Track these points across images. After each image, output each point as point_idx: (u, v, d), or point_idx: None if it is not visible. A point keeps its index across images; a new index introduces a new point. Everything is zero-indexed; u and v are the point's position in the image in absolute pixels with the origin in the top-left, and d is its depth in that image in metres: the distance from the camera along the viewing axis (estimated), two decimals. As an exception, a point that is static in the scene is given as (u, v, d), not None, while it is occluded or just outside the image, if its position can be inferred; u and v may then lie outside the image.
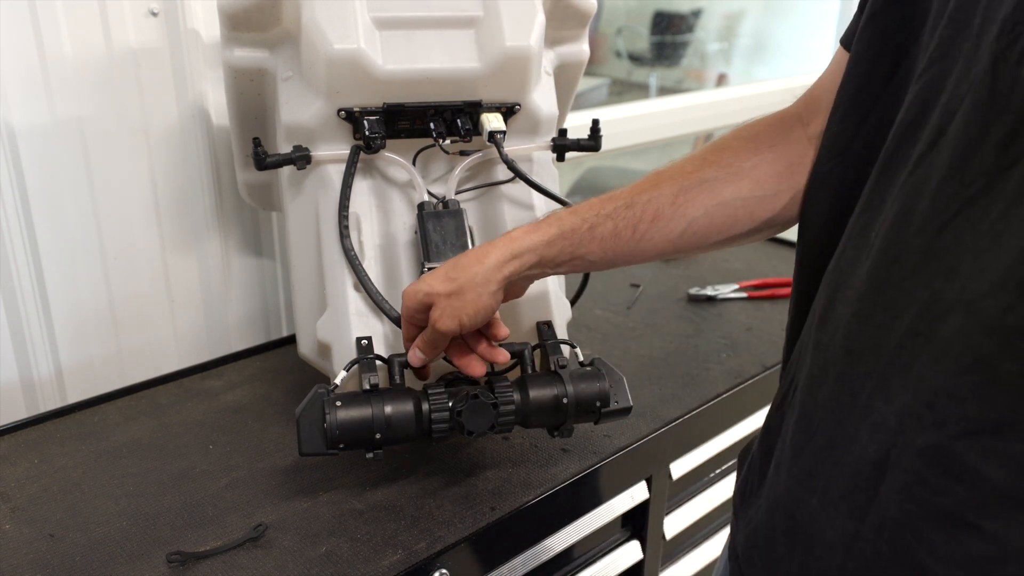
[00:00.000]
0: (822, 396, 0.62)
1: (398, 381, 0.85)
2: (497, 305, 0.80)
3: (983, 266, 0.52)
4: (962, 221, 0.53)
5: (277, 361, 1.16)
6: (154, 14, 1.05)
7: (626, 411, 0.89)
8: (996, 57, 0.51)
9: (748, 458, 0.76)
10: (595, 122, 1.02)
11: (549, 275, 0.81)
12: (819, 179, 0.72)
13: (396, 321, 0.88)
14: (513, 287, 0.82)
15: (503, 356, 0.85)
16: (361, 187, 0.93)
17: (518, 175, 0.94)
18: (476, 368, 0.84)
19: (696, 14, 2.59)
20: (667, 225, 0.75)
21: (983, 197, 0.52)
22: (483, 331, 0.84)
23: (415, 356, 0.83)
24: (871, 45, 0.66)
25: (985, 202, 0.52)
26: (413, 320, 0.82)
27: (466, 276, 0.78)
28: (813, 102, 0.76)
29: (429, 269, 0.89)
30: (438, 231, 0.91)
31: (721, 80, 2.70)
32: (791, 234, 0.80)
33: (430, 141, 0.93)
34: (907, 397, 0.55)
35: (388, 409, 0.81)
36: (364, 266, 0.90)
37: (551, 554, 0.92)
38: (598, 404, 0.87)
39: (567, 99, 1.11)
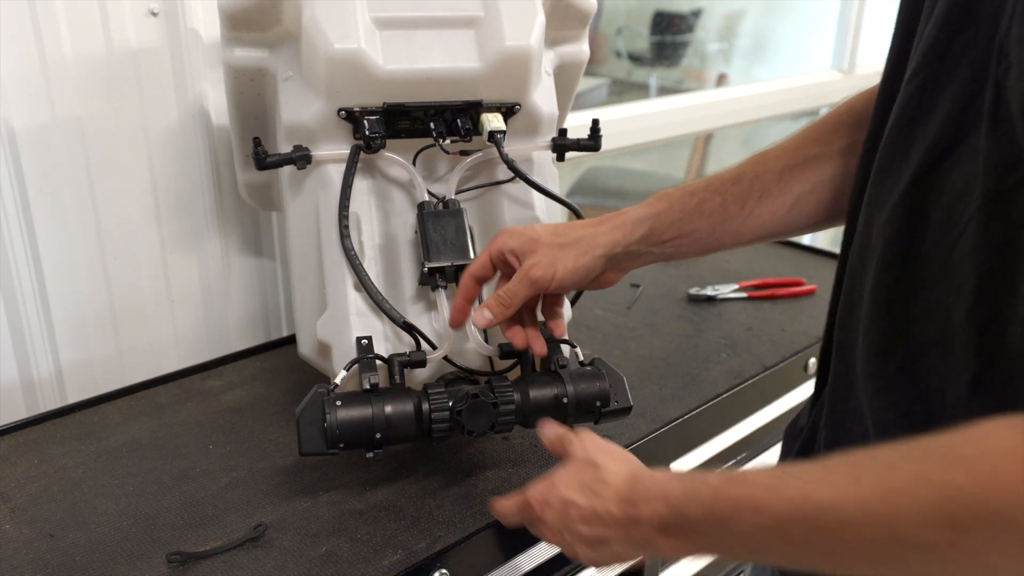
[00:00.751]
0: (850, 395, 0.63)
1: (398, 381, 0.85)
2: (595, 272, 0.78)
3: (991, 288, 0.51)
4: (967, 240, 0.52)
5: (277, 361, 1.16)
6: (154, 14, 1.05)
7: (626, 411, 0.89)
8: (998, 79, 0.50)
9: (795, 444, 0.76)
10: (595, 122, 1.02)
11: (654, 257, 0.79)
12: (858, 166, 0.70)
13: (396, 321, 0.88)
14: (612, 266, 0.80)
15: (542, 347, 0.85)
16: (361, 187, 0.93)
17: (518, 175, 0.94)
18: (519, 339, 0.83)
19: (696, 14, 2.59)
20: (775, 200, 0.74)
21: (983, 217, 0.51)
22: (547, 314, 0.84)
23: (482, 317, 0.81)
24: (896, 27, 0.63)
25: (986, 223, 0.51)
26: (497, 262, 0.81)
27: (577, 233, 0.78)
28: None
29: (429, 269, 0.89)
30: (438, 231, 0.91)
31: (721, 80, 2.71)
32: (793, 234, 0.79)
33: (430, 141, 0.93)
34: (924, 403, 0.55)
35: (388, 409, 0.81)
36: (364, 266, 0.90)
37: (551, 554, 0.92)
38: (598, 404, 0.87)
39: (567, 99, 1.11)
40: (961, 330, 0.53)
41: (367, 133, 0.90)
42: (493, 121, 0.93)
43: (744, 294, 1.36)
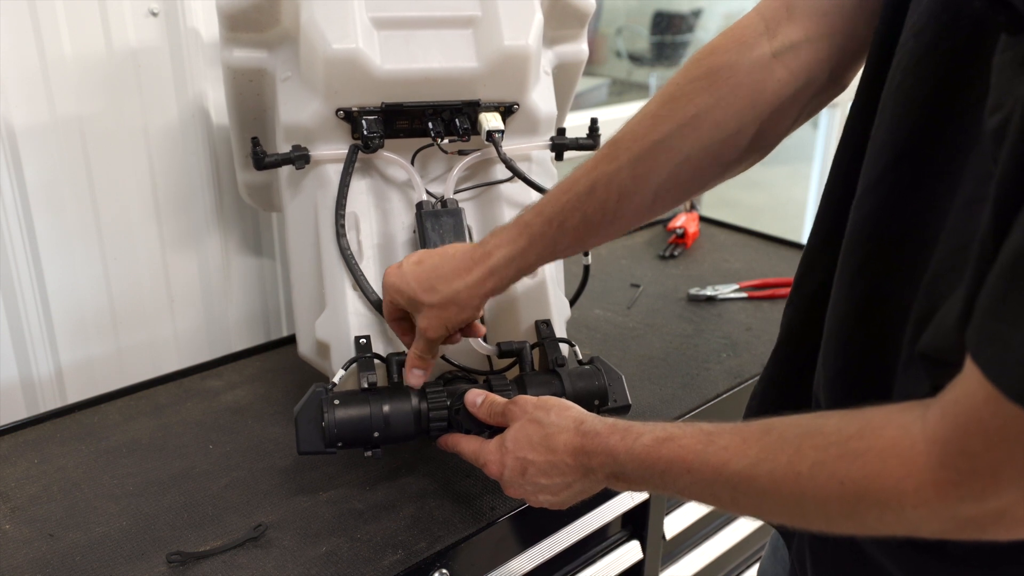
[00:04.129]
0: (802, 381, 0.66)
1: (396, 380, 0.85)
2: (480, 312, 0.82)
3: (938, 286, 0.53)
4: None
5: (277, 361, 1.16)
6: (154, 14, 1.05)
7: (624, 409, 0.89)
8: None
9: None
10: (593, 121, 1.02)
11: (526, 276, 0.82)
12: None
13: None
14: (493, 295, 0.82)
15: (481, 329, 0.87)
16: (360, 187, 0.94)
17: (516, 174, 0.94)
18: (453, 338, 0.86)
19: (696, 14, 2.59)
20: (634, 199, 0.72)
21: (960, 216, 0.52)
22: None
23: (416, 377, 0.84)
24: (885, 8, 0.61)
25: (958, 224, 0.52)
26: (395, 313, 0.84)
27: (449, 290, 0.78)
28: (786, 5, 0.68)
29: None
30: (437, 230, 0.91)
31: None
32: (793, 234, 0.79)
33: (428, 141, 0.94)
34: (875, 392, 0.57)
35: (386, 408, 0.81)
36: (363, 266, 0.90)
37: (551, 554, 0.92)
38: (596, 403, 0.87)
39: (566, 99, 1.11)
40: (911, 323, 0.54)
41: (365, 133, 0.90)
42: (491, 121, 0.93)
43: (744, 294, 1.36)
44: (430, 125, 0.92)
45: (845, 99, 0.69)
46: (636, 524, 1.04)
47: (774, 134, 0.71)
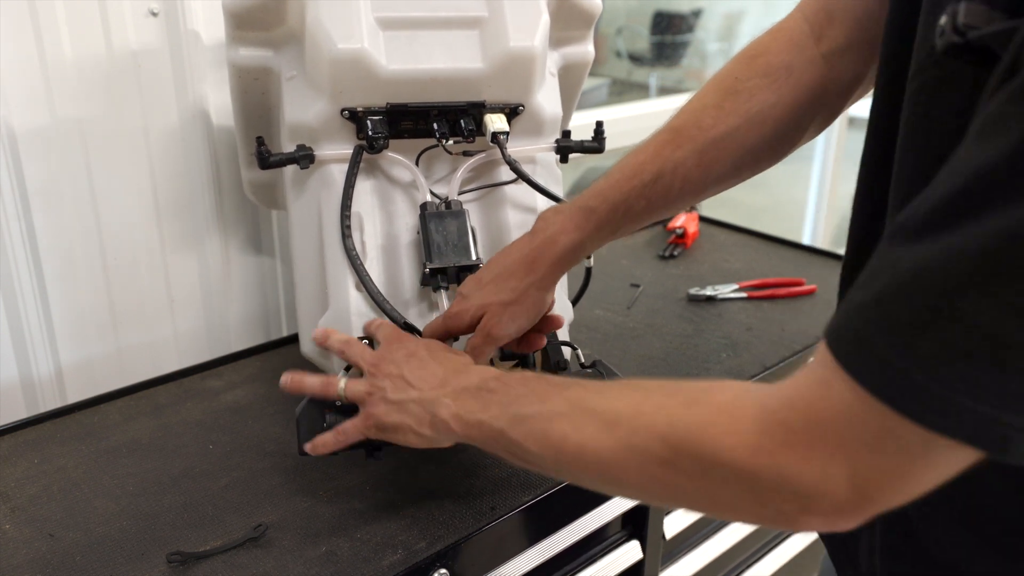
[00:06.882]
0: None
1: (399, 381, 0.85)
2: (552, 301, 0.84)
3: None
4: None
5: (277, 361, 1.16)
6: (154, 14, 1.05)
7: (627, 412, 0.89)
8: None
9: None
10: (599, 124, 1.02)
11: None
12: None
13: (397, 322, 0.88)
14: None
15: (541, 342, 0.87)
16: (364, 187, 0.93)
17: (521, 176, 0.94)
18: (536, 342, 0.87)
19: (696, 14, 2.59)
20: (696, 185, 0.77)
21: None
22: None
23: None
24: None
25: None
26: (456, 332, 0.83)
27: (523, 284, 0.79)
28: (825, 11, 0.72)
29: (431, 270, 0.89)
30: (440, 232, 0.91)
31: (721, 80, 2.70)
32: (793, 234, 0.80)
33: (433, 141, 0.93)
34: None
35: (389, 410, 0.81)
36: (366, 266, 0.90)
37: (551, 554, 0.92)
38: (599, 405, 0.87)
39: (571, 100, 1.11)
40: None
41: (370, 133, 0.90)
42: (496, 122, 0.93)
43: (744, 294, 1.36)
44: (435, 126, 0.92)
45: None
46: (636, 524, 1.04)
47: (825, 122, 0.77)
